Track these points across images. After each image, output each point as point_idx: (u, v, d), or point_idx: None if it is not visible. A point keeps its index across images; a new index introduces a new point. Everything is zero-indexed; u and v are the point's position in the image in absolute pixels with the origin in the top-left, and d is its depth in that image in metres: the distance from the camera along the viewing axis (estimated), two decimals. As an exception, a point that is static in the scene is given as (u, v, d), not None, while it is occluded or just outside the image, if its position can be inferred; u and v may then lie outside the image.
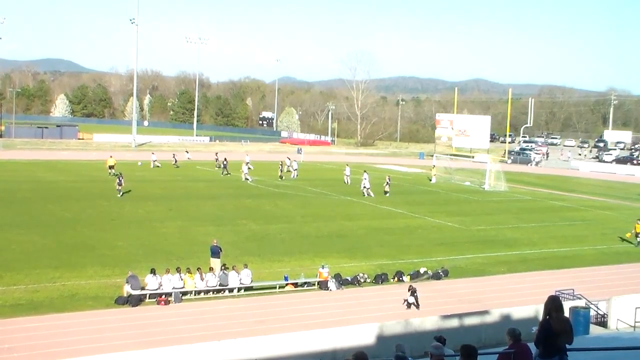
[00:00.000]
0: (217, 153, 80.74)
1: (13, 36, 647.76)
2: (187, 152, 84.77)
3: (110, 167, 63.75)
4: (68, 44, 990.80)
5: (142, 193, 54.43)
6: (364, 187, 58.45)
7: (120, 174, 54.69)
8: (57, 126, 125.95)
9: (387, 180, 60.06)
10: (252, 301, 27.11)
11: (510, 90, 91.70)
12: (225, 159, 71.41)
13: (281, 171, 68.50)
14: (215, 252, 30.28)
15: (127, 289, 26.01)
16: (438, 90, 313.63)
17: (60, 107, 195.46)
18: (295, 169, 70.45)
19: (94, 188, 54.81)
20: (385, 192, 58.90)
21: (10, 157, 79.85)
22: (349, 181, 65.03)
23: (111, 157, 67.56)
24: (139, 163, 75.25)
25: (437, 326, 23.10)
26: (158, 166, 73.21)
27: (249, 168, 67.91)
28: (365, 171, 61.72)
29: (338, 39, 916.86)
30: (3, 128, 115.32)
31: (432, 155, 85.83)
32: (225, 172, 69.24)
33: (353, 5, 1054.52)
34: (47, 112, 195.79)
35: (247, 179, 65.04)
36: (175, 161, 76.45)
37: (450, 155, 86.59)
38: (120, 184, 52.16)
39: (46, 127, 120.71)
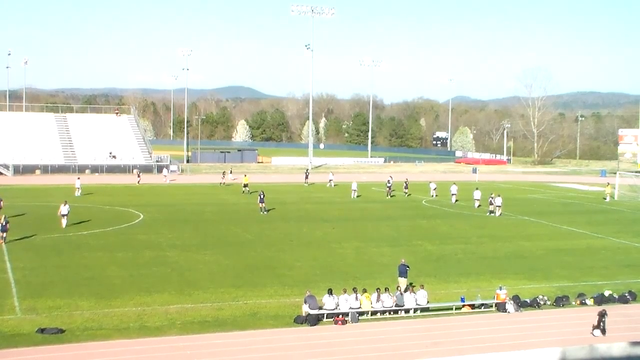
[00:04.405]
0: (306, 172, 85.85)
1: (199, 67, 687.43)
2: (230, 172, 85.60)
3: (245, 186, 68.92)
4: (248, 71, 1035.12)
5: (320, 214, 55.79)
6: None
7: (262, 191, 56.73)
8: (238, 150, 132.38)
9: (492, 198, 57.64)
10: (428, 322, 26.94)
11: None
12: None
13: (389, 189, 69.35)
14: (403, 272, 30.49)
15: (305, 309, 26.63)
16: (620, 104, 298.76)
17: (240, 132, 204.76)
18: (434, 189, 69.85)
19: (273, 210, 56.56)
20: (491, 212, 56.65)
21: (196, 180, 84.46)
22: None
23: (245, 176, 72.90)
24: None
25: (625, 353, 21.97)
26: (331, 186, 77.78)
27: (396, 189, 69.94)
28: (477, 188, 63.31)
29: (513, 56, 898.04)
30: (190, 153, 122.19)
31: (615, 173, 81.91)
32: (408, 193, 69.99)
33: (527, 21, 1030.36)
34: (229, 137, 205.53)
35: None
36: (307, 176, 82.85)
37: (636, 172, 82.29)
38: (262, 201, 55.07)
39: (228, 152, 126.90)
